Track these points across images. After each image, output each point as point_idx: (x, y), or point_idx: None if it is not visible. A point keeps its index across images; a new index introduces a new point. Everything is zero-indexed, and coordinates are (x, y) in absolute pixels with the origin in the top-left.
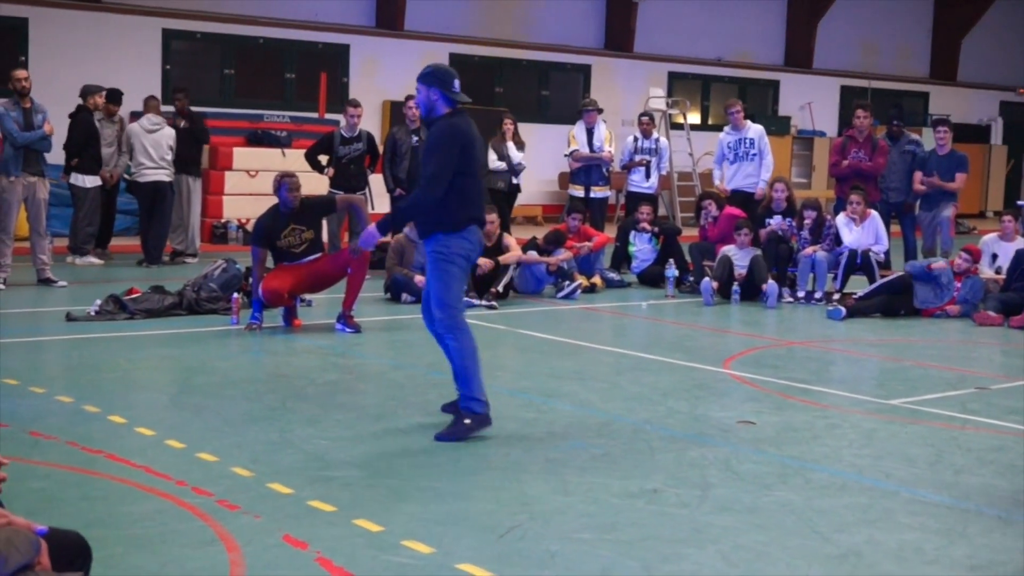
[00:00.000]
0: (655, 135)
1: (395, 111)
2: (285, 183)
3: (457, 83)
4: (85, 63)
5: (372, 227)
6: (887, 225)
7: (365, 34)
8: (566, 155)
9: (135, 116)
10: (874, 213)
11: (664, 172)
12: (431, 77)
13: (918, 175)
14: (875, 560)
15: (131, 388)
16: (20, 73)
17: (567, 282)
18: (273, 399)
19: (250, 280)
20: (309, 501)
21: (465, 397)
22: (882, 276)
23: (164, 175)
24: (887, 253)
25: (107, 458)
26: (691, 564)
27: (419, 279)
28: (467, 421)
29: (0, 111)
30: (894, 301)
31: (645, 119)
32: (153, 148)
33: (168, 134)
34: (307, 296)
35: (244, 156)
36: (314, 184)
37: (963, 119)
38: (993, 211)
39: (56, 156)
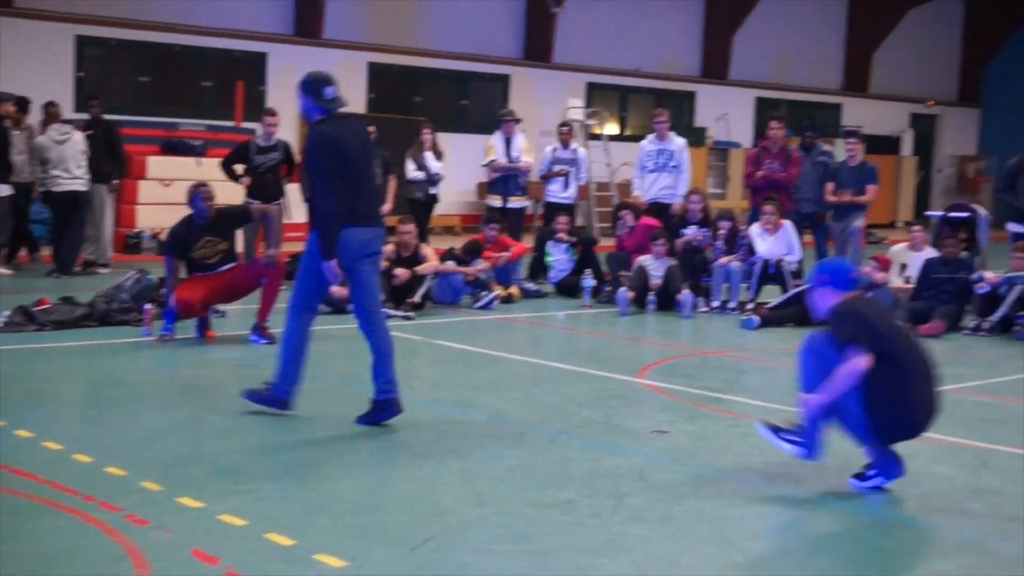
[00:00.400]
0: (573, 145)
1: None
2: (200, 193)
3: (330, 90)
4: None
5: (331, 263)
6: (800, 235)
7: (283, 42)
8: (484, 165)
9: (46, 124)
10: (787, 223)
11: (582, 182)
12: (304, 86)
13: (830, 186)
14: (785, 567)
15: (38, 401)
16: None
17: (484, 292)
18: (185, 412)
19: (163, 291)
20: (220, 515)
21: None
22: (795, 286)
23: (80, 184)
24: (800, 263)
25: (12, 473)
26: (605, 574)
27: (335, 289)
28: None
29: None
30: (807, 311)
31: (564, 129)
32: (69, 158)
33: (77, 141)
34: (221, 307)
35: (158, 165)
36: (230, 193)
37: (875, 130)
38: (903, 221)
39: None
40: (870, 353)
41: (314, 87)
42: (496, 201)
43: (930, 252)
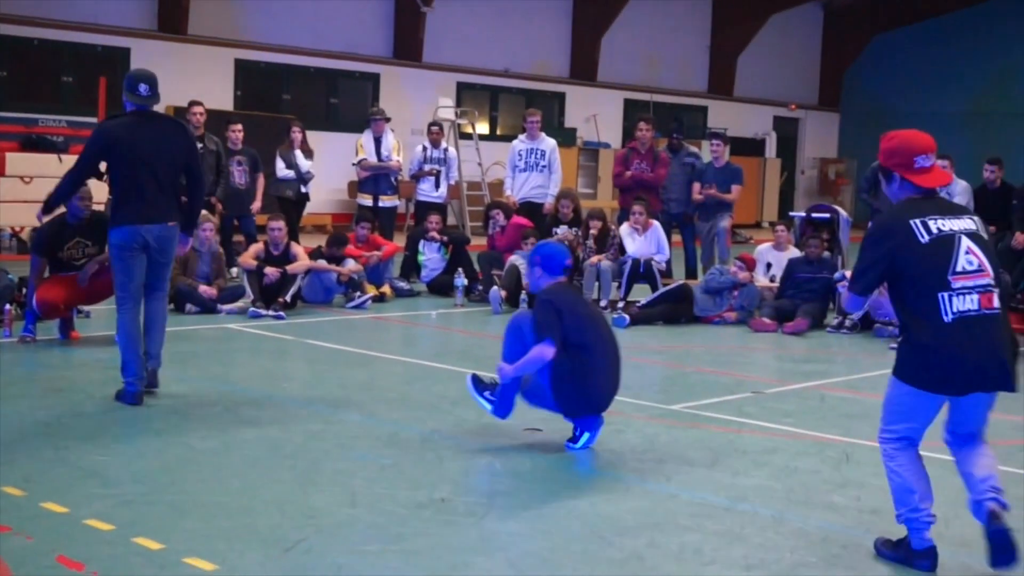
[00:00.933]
0: (444, 145)
1: (178, 117)
2: (77, 193)
3: (143, 87)
4: None
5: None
6: (668, 235)
7: (147, 37)
8: (354, 164)
9: None
10: (656, 223)
11: (453, 182)
12: (124, 80)
13: (696, 186)
14: (656, 562)
15: None
16: None
17: (357, 292)
18: (47, 415)
19: (24, 291)
20: (85, 520)
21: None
22: (664, 285)
23: None
24: (668, 262)
25: None
26: (478, 571)
27: (203, 289)
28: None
29: None
30: (675, 309)
31: (434, 129)
32: None
33: None
34: (84, 307)
35: (18, 161)
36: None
37: (740, 132)
38: (768, 221)
39: None
40: (556, 343)
41: (130, 83)
42: (367, 200)
43: (794, 252)
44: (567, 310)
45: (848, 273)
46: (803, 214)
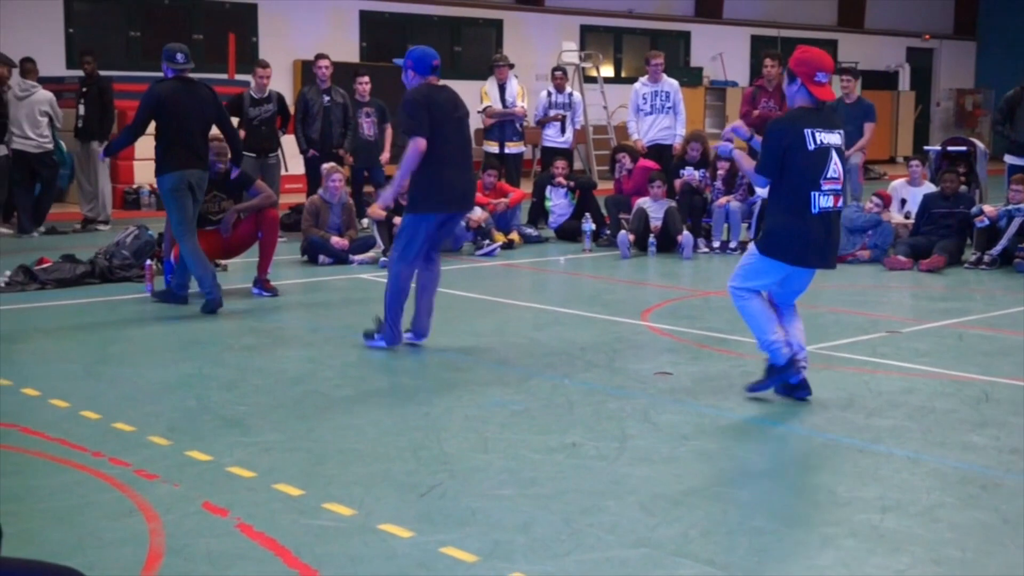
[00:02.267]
0: (568, 89)
1: (306, 70)
2: (212, 148)
3: (180, 56)
4: None
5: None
6: None
7: None
8: (479, 111)
9: (44, 82)
10: None
11: (579, 126)
12: (163, 51)
13: None
14: (788, 504)
15: (44, 359)
16: None
17: (486, 240)
18: (190, 366)
19: (163, 246)
20: (228, 467)
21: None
22: None
23: (31, 147)
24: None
25: (20, 431)
26: (610, 515)
27: (336, 240)
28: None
29: None
30: None
31: (558, 73)
32: (23, 117)
33: (40, 99)
34: (221, 261)
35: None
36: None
37: (871, 66)
38: (902, 156)
39: None
40: (426, 136)
41: (168, 53)
42: (493, 147)
43: (929, 187)
44: (432, 108)
45: (987, 208)
46: (938, 148)
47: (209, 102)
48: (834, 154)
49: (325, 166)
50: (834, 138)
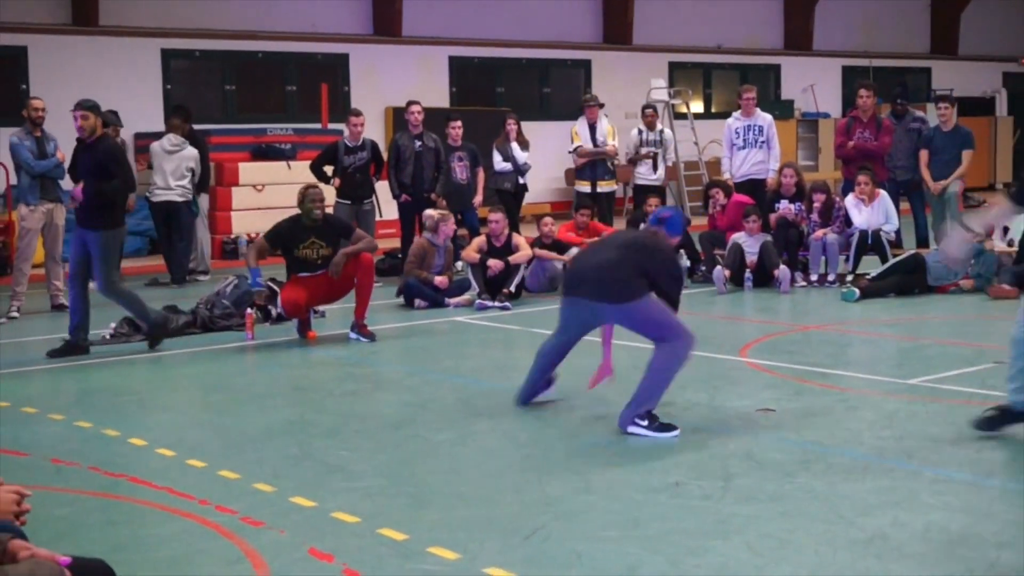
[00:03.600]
0: (659, 126)
1: (397, 117)
2: (309, 195)
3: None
4: (87, 88)
5: None
6: (896, 204)
7: (363, 42)
8: (570, 152)
9: (139, 138)
10: (883, 193)
11: (670, 163)
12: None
13: (924, 154)
14: (901, 542)
15: (149, 409)
16: (37, 103)
17: None
18: (291, 413)
19: (261, 292)
20: (332, 513)
21: None
22: (894, 255)
23: (176, 195)
24: (898, 232)
25: (129, 481)
26: (717, 556)
27: (438, 280)
28: None
29: (15, 141)
30: (908, 280)
31: (649, 111)
32: (168, 170)
33: (188, 155)
34: (319, 307)
35: (250, 171)
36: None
37: (966, 92)
38: (1002, 183)
39: (64, 182)
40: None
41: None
42: (585, 187)
43: None
44: None
45: None
46: None
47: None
48: None
49: (433, 212)
50: None
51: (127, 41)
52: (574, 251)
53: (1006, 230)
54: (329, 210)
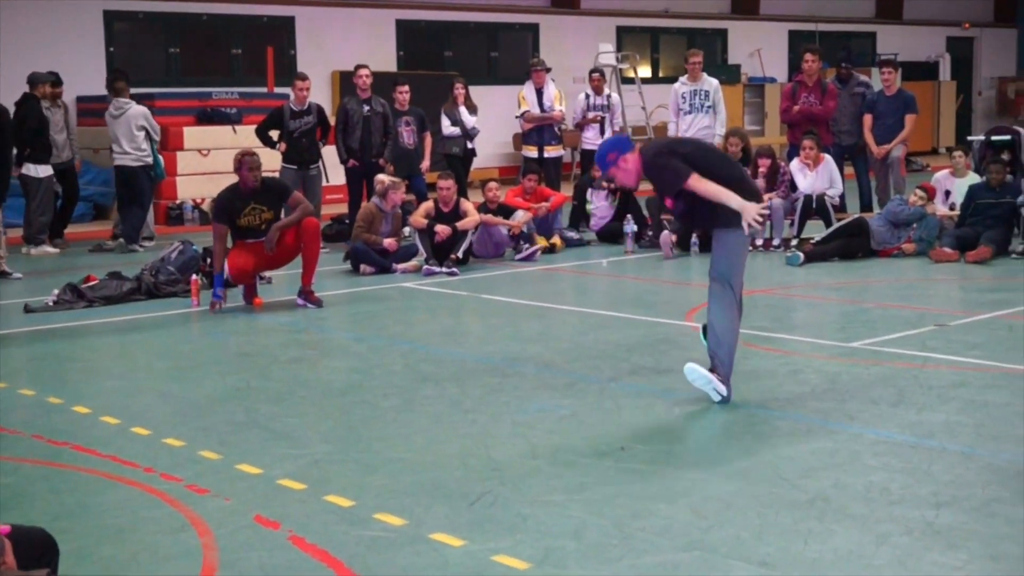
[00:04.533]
0: (607, 91)
1: (344, 81)
2: (245, 162)
3: None
4: (28, 50)
5: None
6: (840, 168)
7: (310, 5)
8: (517, 116)
9: (81, 100)
10: (827, 157)
11: (618, 128)
12: None
13: (868, 118)
14: (842, 503)
15: (94, 377)
16: None
17: (526, 244)
18: (237, 379)
19: (208, 261)
20: (278, 480)
21: None
22: (838, 220)
23: (130, 160)
24: (842, 196)
25: (73, 449)
26: (661, 519)
27: (387, 242)
28: None
29: None
30: (851, 244)
31: (596, 75)
32: (121, 134)
33: (134, 114)
34: (265, 273)
35: (195, 135)
36: (267, 158)
37: (911, 57)
38: (945, 147)
39: None
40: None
41: None
42: (532, 152)
43: (973, 177)
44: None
45: None
46: (981, 137)
47: None
48: None
49: (388, 179)
50: None
51: (68, 3)
52: (520, 214)
53: (947, 194)
54: (275, 175)
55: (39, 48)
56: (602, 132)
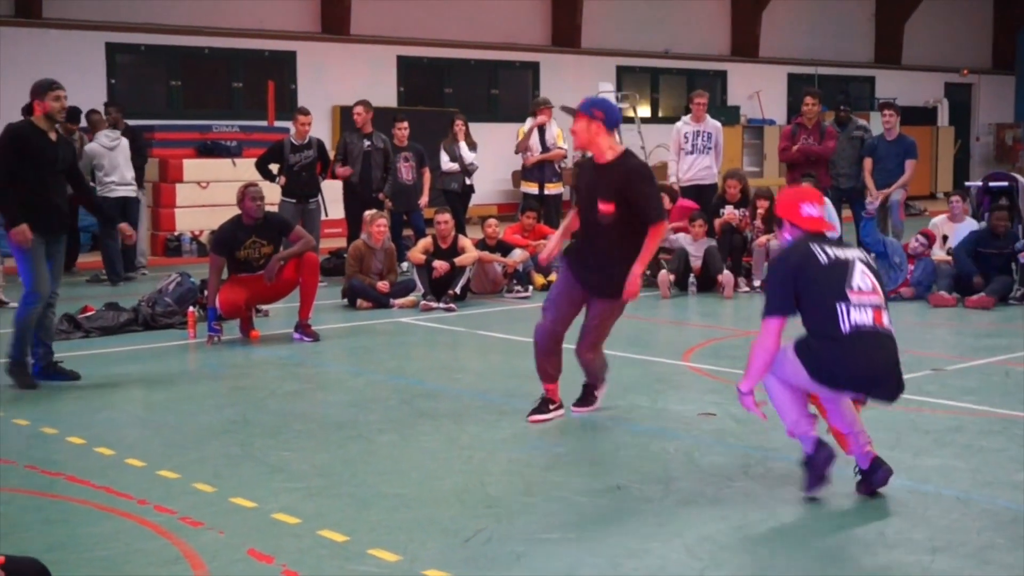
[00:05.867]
0: None
1: (344, 116)
2: (249, 193)
3: None
4: (29, 82)
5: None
6: (839, 211)
7: (311, 40)
8: (516, 152)
9: (83, 132)
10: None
11: None
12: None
13: (868, 162)
14: (840, 546)
15: (89, 408)
16: None
17: (518, 287)
18: (233, 412)
19: (205, 292)
20: (273, 514)
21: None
22: None
23: (131, 191)
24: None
25: (67, 480)
26: (656, 558)
27: (380, 284)
28: None
29: None
30: None
31: None
32: (121, 163)
33: (125, 147)
34: (263, 306)
35: (194, 168)
36: (266, 192)
37: (909, 102)
38: (943, 192)
39: None
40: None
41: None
42: (533, 188)
43: (970, 223)
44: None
45: None
46: (979, 183)
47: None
48: (860, 266)
49: (369, 213)
50: (854, 252)
51: (71, 34)
52: (517, 253)
53: (944, 238)
54: (274, 208)
55: (41, 78)
56: None
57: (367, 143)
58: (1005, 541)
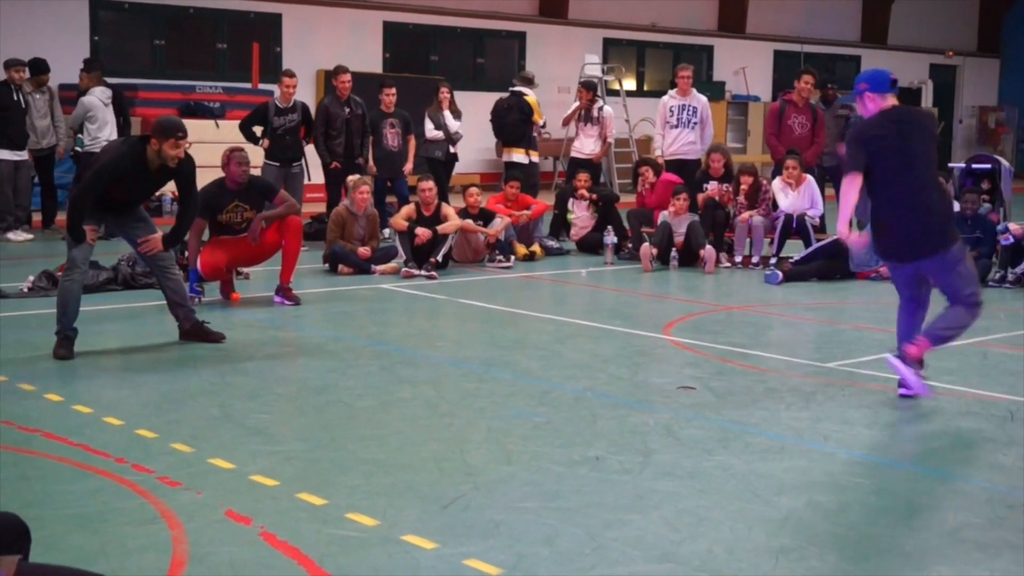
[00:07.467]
0: (599, 103)
1: (328, 80)
2: (234, 157)
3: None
4: (12, 37)
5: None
6: (822, 189)
7: (298, 3)
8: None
9: (64, 88)
10: (809, 178)
11: (610, 140)
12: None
13: (841, 145)
14: (815, 521)
15: (67, 365)
16: None
17: (500, 257)
18: (212, 374)
19: (186, 253)
20: (251, 476)
21: None
22: (818, 240)
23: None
24: (822, 217)
25: (44, 437)
26: (634, 529)
27: (361, 250)
28: None
29: None
30: (830, 265)
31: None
32: (112, 121)
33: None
34: (243, 269)
35: None
36: (249, 154)
37: None
38: None
39: None
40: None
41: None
42: (522, 156)
43: (953, 205)
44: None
45: (1012, 226)
46: (962, 165)
47: None
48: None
49: (352, 178)
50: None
51: None
52: (497, 222)
53: None
54: (257, 172)
55: (23, 36)
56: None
57: (347, 110)
58: (981, 520)
